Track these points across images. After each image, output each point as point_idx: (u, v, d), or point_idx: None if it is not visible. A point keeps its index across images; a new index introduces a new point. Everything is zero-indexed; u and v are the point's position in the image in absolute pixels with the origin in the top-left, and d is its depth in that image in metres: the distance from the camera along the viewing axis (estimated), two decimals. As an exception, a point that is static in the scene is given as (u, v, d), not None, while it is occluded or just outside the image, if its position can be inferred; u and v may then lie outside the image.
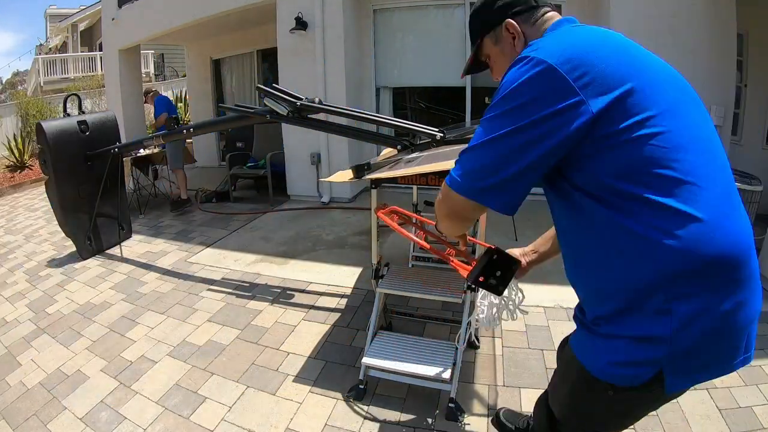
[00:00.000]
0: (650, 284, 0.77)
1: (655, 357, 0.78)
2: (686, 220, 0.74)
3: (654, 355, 0.78)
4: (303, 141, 5.12)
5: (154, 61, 16.24)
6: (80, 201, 3.69)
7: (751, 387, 1.95)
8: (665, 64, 0.88)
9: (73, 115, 3.80)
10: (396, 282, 2.20)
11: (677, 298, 0.76)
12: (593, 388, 0.88)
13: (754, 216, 2.73)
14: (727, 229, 0.76)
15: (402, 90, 5.71)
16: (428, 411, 1.87)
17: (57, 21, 19.04)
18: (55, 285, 3.33)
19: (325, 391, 2.02)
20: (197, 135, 5.85)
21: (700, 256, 0.74)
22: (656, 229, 0.75)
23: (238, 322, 2.66)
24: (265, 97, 2.62)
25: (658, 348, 0.78)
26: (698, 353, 0.78)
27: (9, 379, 2.26)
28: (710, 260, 0.74)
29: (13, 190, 7.44)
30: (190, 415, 1.92)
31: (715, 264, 0.75)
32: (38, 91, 14.31)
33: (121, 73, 7.31)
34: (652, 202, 0.75)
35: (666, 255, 0.75)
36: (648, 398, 0.87)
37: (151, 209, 5.29)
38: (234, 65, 7.82)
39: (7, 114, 10.08)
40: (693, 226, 0.74)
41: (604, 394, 0.87)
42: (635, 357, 0.80)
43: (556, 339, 2.32)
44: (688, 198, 0.75)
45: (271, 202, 5.23)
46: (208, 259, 3.64)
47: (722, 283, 0.76)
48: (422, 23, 5.20)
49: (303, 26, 4.87)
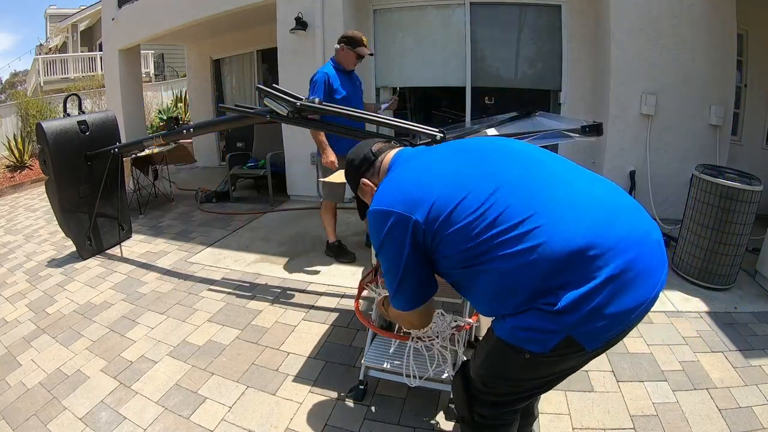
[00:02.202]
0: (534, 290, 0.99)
1: (556, 328, 0.97)
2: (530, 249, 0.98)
3: (554, 327, 0.97)
4: (303, 141, 5.10)
5: (154, 61, 16.23)
6: (80, 201, 3.69)
7: (751, 387, 1.95)
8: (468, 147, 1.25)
9: (73, 115, 3.80)
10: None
11: (558, 288, 0.96)
12: (508, 353, 1.07)
13: (753, 216, 2.73)
14: (557, 235, 0.97)
15: (402, 90, 5.70)
16: (428, 411, 1.87)
17: (57, 21, 19.03)
18: (55, 285, 3.33)
19: (325, 391, 2.02)
20: (197, 135, 5.83)
21: (554, 259, 0.96)
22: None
23: (238, 322, 2.66)
24: (265, 97, 2.61)
25: (557, 320, 0.96)
26: (593, 320, 0.95)
27: (9, 379, 2.26)
28: (558, 258, 0.95)
29: (13, 190, 7.44)
30: (190, 415, 1.92)
31: (568, 258, 0.95)
32: (38, 91, 14.30)
33: (121, 73, 7.31)
34: (503, 256, 1.01)
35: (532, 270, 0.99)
36: (566, 359, 1.05)
37: (151, 209, 5.29)
38: (234, 65, 7.81)
39: (7, 114, 10.06)
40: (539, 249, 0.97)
41: (520, 356, 1.04)
42: (538, 325, 0.99)
43: (556, 339, 2.32)
44: (523, 237, 0.98)
45: (271, 202, 5.23)
46: (208, 259, 3.64)
47: (577, 269, 0.95)
48: (422, 23, 5.19)
49: (303, 26, 4.87)
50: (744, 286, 2.88)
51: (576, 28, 4.60)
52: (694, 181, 2.93)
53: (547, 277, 0.97)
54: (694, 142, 3.98)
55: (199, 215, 4.98)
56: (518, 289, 1.01)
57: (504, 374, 1.16)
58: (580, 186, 1.08)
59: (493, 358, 1.15)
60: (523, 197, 1.03)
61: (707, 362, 2.13)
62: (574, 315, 0.95)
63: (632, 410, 1.82)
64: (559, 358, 1.03)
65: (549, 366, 1.08)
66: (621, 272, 0.95)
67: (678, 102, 3.95)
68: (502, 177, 1.08)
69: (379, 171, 1.34)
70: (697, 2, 3.79)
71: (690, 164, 3.42)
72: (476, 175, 1.11)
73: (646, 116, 4.02)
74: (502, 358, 1.12)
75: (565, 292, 0.95)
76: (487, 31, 4.99)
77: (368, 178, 1.36)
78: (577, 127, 2.09)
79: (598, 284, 0.94)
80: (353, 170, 1.39)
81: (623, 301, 0.95)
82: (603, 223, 0.99)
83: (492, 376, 1.20)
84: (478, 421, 1.27)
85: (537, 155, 1.18)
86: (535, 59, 5.00)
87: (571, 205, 1.02)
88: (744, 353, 2.19)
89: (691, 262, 2.94)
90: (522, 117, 2.69)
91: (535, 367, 1.08)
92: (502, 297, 1.06)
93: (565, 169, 1.13)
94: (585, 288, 0.94)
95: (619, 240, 0.97)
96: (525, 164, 1.14)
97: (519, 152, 1.19)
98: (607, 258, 0.95)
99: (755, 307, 2.64)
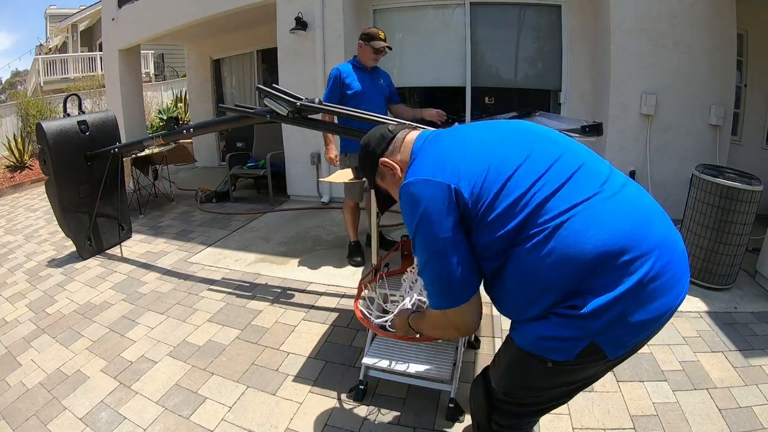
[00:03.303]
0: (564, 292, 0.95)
1: (580, 334, 0.93)
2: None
3: (579, 333, 0.93)
4: (303, 141, 5.12)
5: (154, 61, 16.23)
6: (80, 201, 3.69)
7: (751, 387, 1.95)
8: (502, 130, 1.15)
9: (73, 115, 3.80)
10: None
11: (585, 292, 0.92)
12: (531, 363, 1.03)
13: (753, 216, 2.73)
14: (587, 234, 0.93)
15: (402, 90, 5.70)
16: (428, 411, 1.87)
17: (57, 21, 19.02)
18: (55, 285, 3.33)
19: (325, 391, 2.02)
20: (197, 135, 5.83)
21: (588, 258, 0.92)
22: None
23: (238, 322, 2.66)
24: (265, 97, 2.61)
25: (582, 325, 0.92)
26: (618, 326, 0.92)
27: (9, 379, 2.26)
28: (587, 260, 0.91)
29: (13, 190, 7.44)
30: (190, 415, 1.92)
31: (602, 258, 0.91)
32: (38, 91, 14.30)
33: (121, 73, 7.31)
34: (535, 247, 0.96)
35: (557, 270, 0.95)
36: (588, 367, 1.01)
37: (151, 209, 5.29)
38: (234, 65, 7.81)
39: (7, 114, 10.07)
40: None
41: (542, 365, 1.00)
42: (562, 334, 0.95)
43: (556, 339, 2.32)
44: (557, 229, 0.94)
45: (271, 202, 5.23)
46: (208, 259, 3.64)
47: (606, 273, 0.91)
48: (422, 23, 5.19)
49: (303, 26, 4.87)
50: (744, 286, 2.88)
51: (576, 28, 4.60)
52: (694, 180, 2.93)
53: (576, 276, 0.92)
54: (694, 142, 3.98)
55: (199, 215, 4.98)
56: (546, 287, 0.96)
57: (526, 384, 1.11)
58: (616, 183, 1.02)
59: (515, 367, 1.10)
60: (564, 189, 0.97)
61: (707, 362, 2.13)
62: (600, 320, 0.91)
63: (632, 410, 1.82)
64: (582, 366, 1.00)
65: (571, 374, 1.03)
66: (653, 278, 0.92)
67: (678, 102, 3.95)
68: (544, 164, 1.01)
69: (400, 148, 1.22)
70: (697, 2, 3.79)
71: (690, 164, 3.42)
72: (519, 158, 1.03)
73: (646, 116, 4.02)
74: (524, 368, 1.07)
75: (594, 296, 0.91)
76: (487, 31, 4.99)
77: (388, 156, 1.23)
78: (577, 127, 2.09)
79: (626, 290, 0.90)
80: (370, 153, 1.26)
81: (650, 309, 0.93)
82: (641, 226, 0.96)
83: (514, 386, 1.14)
84: (495, 429, 1.23)
85: (575, 147, 1.11)
86: (535, 59, 5.00)
87: (609, 202, 0.97)
88: (744, 353, 2.19)
89: (691, 262, 2.93)
90: (522, 117, 2.69)
91: (558, 375, 1.03)
92: (527, 296, 1.00)
93: (600, 164, 1.08)
94: (613, 293, 0.90)
95: (656, 244, 0.94)
96: (566, 153, 1.06)
97: (558, 140, 1.12)
98: (641, 261, 0.92)
99: (755, 307, 2.64)
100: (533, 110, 2.76)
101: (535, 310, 0.99)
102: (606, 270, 0.91)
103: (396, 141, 1.23)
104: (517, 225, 0.96)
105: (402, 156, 1.21)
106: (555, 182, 0.98)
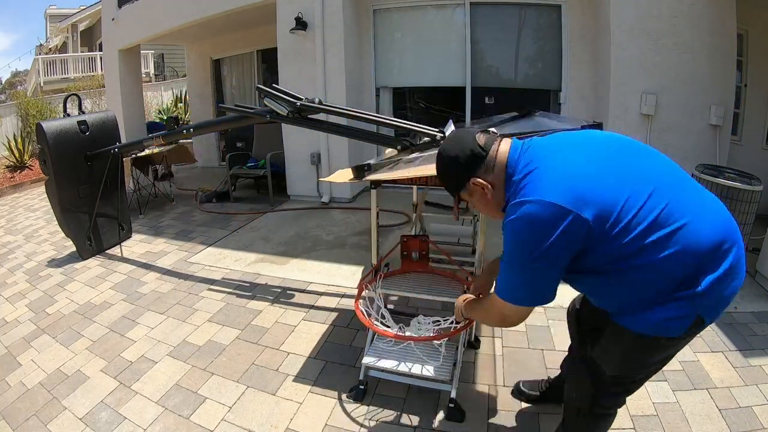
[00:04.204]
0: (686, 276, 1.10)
1: (691, 310, 1.09)
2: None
3: (691, 309, 1.09)
4: (303, 141, 5.12)
5: (154, 61, 16.23)
6: (80, 201, 3.69)
7: (751, 387, 1.95)
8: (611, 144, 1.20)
9: (73, 115, 3.80)
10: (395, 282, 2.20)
11: (699, 274, 1.08)
12: (647, 344, 1.16)
13: (753, 216, 2.73)
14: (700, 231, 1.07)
15: (402, 90, 5.71)
16: (428, 411, 1.87)
17: (57, 21, 19.02)
18: (55, 285, 3.33)
19: (325, 391, 2.02)
20: (197, 135, 5.86)
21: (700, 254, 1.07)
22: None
23: (238, 322, 2.66)
24: (265, 97, 2.62)
25: (695, 302, 1.08)
26: (717, 299, 1.10)
27: (9, 379, 2.26)
28: (704, 250, 1.07)
29: (13, 190, 7.44)
30: (190, 416, 1.92)
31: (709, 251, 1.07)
32: (38, 92, 14.30)
33: (121, 73, 7.31)
34: (655, 253, 1.07)
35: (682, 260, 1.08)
36: (688, 338, 1.17)
37: (151, 209, 5.29)
38: (234, 65, 7.82)
39: (7, 114, 10.07)
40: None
41: (656, 343, 1.15)
42: (678, 313, 1.09)
43: (556, 339, 2.32)
44: (673, 235, 1.06)
45: (271, 202, 5.23)
46: (208, 259, 3.64)
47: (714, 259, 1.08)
48: (422, 23, 5.20)
49: (303, 26, 4.87)
50: (744, 286, 2.84)
51: (576, 28, 4.60)
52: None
53: (689, 268, 1.07)
54: (694, 141, 3.98)
55: (199, 215, 4.98)
56: (664, 282, 1.08)
57: (641, 364, 1.24)
58: (697, 185, 1.19)
59: (633, 351, 1.19)
60: (673, 198, 1.09)
61: (707, 362, 2.13)
62: (708, 296, 1.07)
63: (632, 410, 1.82)
64: (686, 338, 1.15)
65: (675, 347, 1.19)
66: (736, 262, 1.10)
67: (678, 102, 3.95)
68: (653, 177, 1.12)
69: (494, 167, 1.18)
70: (697, 2, 3.79)
71: (690, 164, 3.41)
72: (633, 174, 1.11)
73: (646, 116, 4.02)
74: (642, 351, 1.19)
75: (704, 277, 1.07)
76: (487, 31, 5.00)
77: (481, 176, 1.18)
78: (577, 127, 2.09)
79: (725, 271, 1.07)
80: (458, 170, 1.21)
81: (733, 285, 1.11)
82: (728, 221, 1.13)
83: (631, 369, 1.26)
84: (597, 413, 1.35)
85: (662, 156, 1.23)
86: (535, 59, 5.00)
87: (703, 204, 1.13)
88: (744, 353, 2.19)
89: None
90: (522, 117, 2.69)
91: (666, 349, 1.19)
92: (642, 291, 1.11)
93: (683, 172, 1.22)
94: (718, 272, 1.07)
95: (737, 236, 1.13)
96: (662, 164, 1.19)
97: (650, 152, 1.22)
98: (731, 249, 1.09)
99: (755, 307, 2.64)
100: (533, 110, 2.76)
101: (650, 300, 1.11)
102: (711, 258, 1.07)
103: (489, 161, 1.18)
104: (638, 236, 1.05)
105: (496, 173, 1.18)
106: (665, 194, 1.09)
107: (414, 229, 2.92)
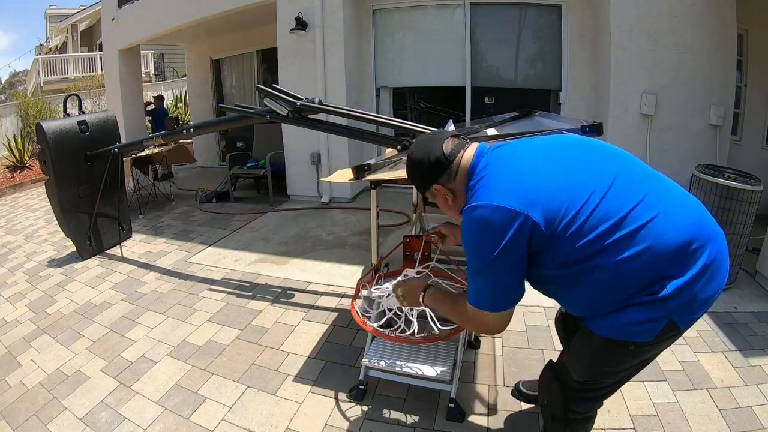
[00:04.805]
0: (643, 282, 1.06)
1: (661, 314, 1.05)
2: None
3: (660, 313, 1.05)
4: (303, 141, 5.12)
5: (154, 61, 16.23)
6: (80, 201, 3.69)
7: (751, 387, 1.95)
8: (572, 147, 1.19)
9: (73, 115, 3.80)
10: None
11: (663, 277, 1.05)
12: (614, 349, 1.13)
13: (753, 216, 2.72)
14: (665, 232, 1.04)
15: (402, 90, 5.71)
16: (428, 411, 1.87)
17: (57, 21, 19.02)
18: (55, 285, 3.33)
19: (325, 391, 2.02)
20: (197, 135, 5.86)
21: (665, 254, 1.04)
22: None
23: (238, 322, 2.66)
24: (265, 97, 2.61)
25: (662, 306, 1.05)
26: (691, 303, 1.06)
27: (9, 379, 2.26)
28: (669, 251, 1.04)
29: (13, 190, 7.44)
30: (190, 416, 1.92)
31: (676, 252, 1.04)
32: (38, 92, 14.30)
33: (121, 73, 7.32)
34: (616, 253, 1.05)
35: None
36: (662, 344, 1.14)
37: (151, 209, 5.29)
38: (234, 65, 7.82)
39: (7, 114, 10.07)
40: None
41: (624, 349, 1.11)
42: (645, 317, 1.06)
43: (556, 339, 2.31)
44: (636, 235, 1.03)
45: (271, 202, 5.24)
46: (208, 259, 3.64)
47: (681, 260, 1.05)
48: (422, 23, 5.20)
49: (303, 26, 4.87)
50: (744, 286, 2.88)
51: (576, 28, 4.60)
52: (693, 180, 2.93)
53: (656, 269, 1.04)
54: (694, 141, 3.98)
55: (199, 215, 4.99)
56: (627, 284, 1.05)
57: (609, 369, 1.21)
58: (668, 184, 1.15)
59: (600, 356, 1.17)
60: (636, 198, 1.06)
61: (707, 362, 2.13)
62: (678, 300, 1.04)
63: (632, 410, 1.82)
64: (659, 343, 1.12)
65: (647, 353, 1.15)
66: (711, 262, 1.06)
67: (678, 102, 3.95)
68: (617, 179, 1.09)
69: (456, 174, 1.20)
70: (697, 2, 3.79)
71: (690, 164, 3.41)
72: (593, 175, 1.09)
73: (646, 116, 4.02)
74: (608, 355, 1.16)
75: (670, 280, 1.03)
76: (487, 31, 5.00)
77: (443, 183, 1.22)
78: (576, 127, 2.09)
79: (696, 273, 1.04)
80: (422, 174, 1.25)
81: (711, 287, 1.08)
82: (698, 219, 1.10)
83: (597, 373, 1.23)
84: (572, 418, 1.33)
85: (625, 154, 1.20)
86: (535, 59, 5.00)
87: (671, 202, 1.09)
88: (744, 353, 2.19)
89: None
90: (522, 117, 2.69)
91: (637, 356, 1.15)
92: (606, 294, 1.09)
93: (649, 168, 1.18)
94: (687, 276, 1.03)
95: (711, 234, 1.09)
96: (624, 164, 1.15)
97: (613, 151, 1.19)
98: (702, 250, 1.06)
99: (755, 306, 2.64)
100: (533, 110, 2.76)
101: (617, 303, 1.08)
102: (679, 259, 1.04)
103: (452, 168, 1.20)
104: (596, 236, 1.04)
105: (458, 180, 1.21)
106: (625, 194, 1.07)
107: (414, 229, 2.92)
